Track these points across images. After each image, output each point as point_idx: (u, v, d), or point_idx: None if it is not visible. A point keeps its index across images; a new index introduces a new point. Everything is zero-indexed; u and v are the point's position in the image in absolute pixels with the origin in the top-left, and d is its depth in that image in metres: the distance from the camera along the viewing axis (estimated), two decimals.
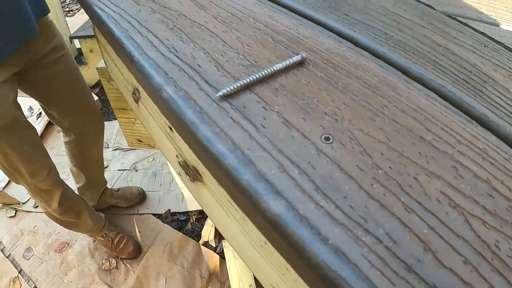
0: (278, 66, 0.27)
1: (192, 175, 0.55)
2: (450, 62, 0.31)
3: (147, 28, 0.37)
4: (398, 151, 0.22)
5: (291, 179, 0.19)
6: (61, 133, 1.41)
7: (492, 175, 0.22)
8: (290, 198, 0.19)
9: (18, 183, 1.28)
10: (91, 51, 2.33)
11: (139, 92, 0.68)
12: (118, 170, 2.12)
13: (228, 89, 0.25)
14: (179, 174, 0.66)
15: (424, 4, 0.43)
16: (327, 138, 0.22)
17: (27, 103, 2.28)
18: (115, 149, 2.28)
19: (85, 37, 2.28)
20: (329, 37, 0.32)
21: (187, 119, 0.24)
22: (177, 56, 0.30)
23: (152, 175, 2.05)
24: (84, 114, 1.36)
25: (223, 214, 0.46)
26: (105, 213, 1.69)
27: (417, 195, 0.20)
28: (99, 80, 2.48)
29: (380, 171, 0.20)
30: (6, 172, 1.20)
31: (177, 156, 0.59)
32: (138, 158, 2.20)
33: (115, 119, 2.39)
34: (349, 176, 0.20)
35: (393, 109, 0.25)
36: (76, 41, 2.46)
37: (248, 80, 0.25)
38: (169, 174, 2.06)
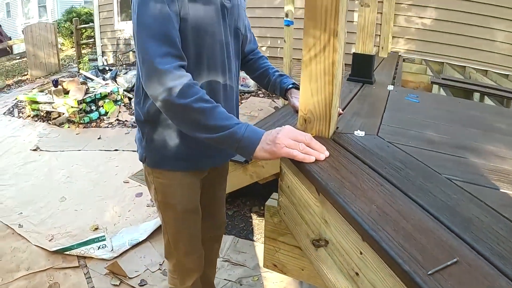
0: (447, 263, 0.76)
1: None
2: None
3: (381, 227, 0.90)
4: None
5: None
6: None
7: None
8: None
9: (168, 257, 1.40)
10: None
11: (327, 243, 1.12)
12: (224, 279, 2.36)
13: (430, 272, 0.75)
14: None
15: (508, 219, 0.89)
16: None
17: None
18: (225, 261, 2.53)
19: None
20: (465, 247, 0.81)
21: (416, 281, 0.74)
22: (404, 249, 0.82)
23: None
24: (216, 215, 1.58)
25: None
26: None
27: None
28: None
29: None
30: (167, 245, 1.35)
31: None
32: (244, 274, 2.42)
33: (227, 233, 2.79)
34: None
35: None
36: None
37: (437, 269, 0.76)
38: None
